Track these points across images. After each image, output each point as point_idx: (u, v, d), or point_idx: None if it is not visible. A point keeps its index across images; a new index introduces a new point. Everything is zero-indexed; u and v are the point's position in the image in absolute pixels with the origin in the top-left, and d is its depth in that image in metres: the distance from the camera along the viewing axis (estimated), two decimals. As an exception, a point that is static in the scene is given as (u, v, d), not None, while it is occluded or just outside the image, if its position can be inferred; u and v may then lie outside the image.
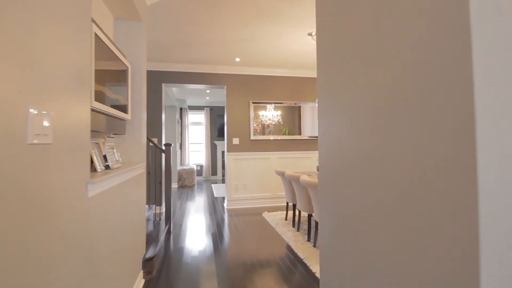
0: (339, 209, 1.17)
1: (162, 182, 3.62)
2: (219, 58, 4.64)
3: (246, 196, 5.21)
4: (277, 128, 5.42)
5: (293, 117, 5.54)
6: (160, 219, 3.66)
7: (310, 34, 3.64)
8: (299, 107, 5.57)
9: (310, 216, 3.35)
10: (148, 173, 3.85)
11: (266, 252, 3.06)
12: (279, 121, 5.46)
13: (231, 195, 5.14)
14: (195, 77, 5.09)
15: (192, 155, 9.50)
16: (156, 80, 4.95)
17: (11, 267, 0.74)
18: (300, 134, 5.58)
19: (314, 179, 2.81)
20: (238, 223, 4.17)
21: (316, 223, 3.12)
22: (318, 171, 4.27)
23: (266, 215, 4.55)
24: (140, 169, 2.32)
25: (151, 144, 3.79)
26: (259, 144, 5.34)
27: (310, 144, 5.56)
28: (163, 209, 4.08)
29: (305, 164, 5.51)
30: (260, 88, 5.36)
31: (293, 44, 4.00)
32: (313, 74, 5.56)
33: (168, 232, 3.60)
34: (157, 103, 4.92)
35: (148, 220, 3.41)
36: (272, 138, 5.37)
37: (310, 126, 5.63)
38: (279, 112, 5.44)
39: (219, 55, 4.51)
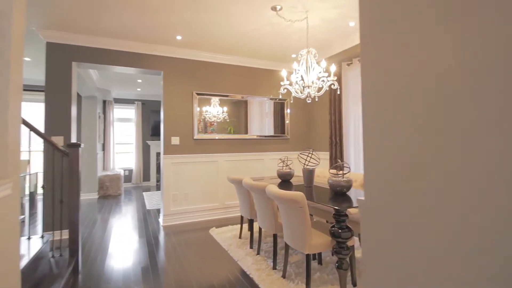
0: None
1: (74, 197, 2.45)
2: (154, 33, 3.61)
3: (188, 208, 4.25)
4: (220, 127, 4.59)
5: (238, 113, 4.77)
6: (61, 255, 2.50)
7: (274, 9, 2.93)
8: (246, 101, 4.82)
9: (275, 236, 2.63)
10: (43, 187, 2.64)
11: (221, 292, 2.23)
12: (225, 118, 4.65)
13: (168, 208, 4.12)
14: (122, 57, 3.93)
15: (119, 157, 7.98)
16: (63, 57, 3.64)
17: None
18: (246, 133, 4.84)
19: (294, 192, 2.09)
20: (178, 245, 3.22)
21: (287, 246, 2.41)
22: (278, 176, 3.62)
23: (214, 232, 3.68)
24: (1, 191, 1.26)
25: (58, 146, 2.58)
26: (204, 144, 4.44)
27: (260, 144, 4.89)
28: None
29: (257, 168, 4.81)
30: (206, 77, 4.46)
31: (251, 21, 3.25)
32: (268, 65, 4.90)
33: (74, 272, 2.47)
34: (64, 88, 3.62)
35: (40, 258, 2.24)
36: (217, 138, 4.52)
37: (258, 123, 4.94)
38: (225, 108, 4.62)
39: (154, 30, 3.48)
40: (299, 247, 2.18)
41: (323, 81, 2.87)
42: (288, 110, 5.13)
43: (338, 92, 3.89)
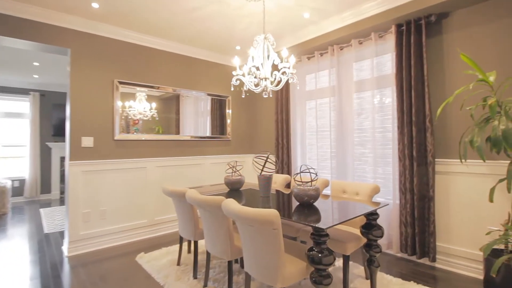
0: None
1: None
2: (56, -5, 2.64)
3: (106, 229, 3.31)
4: (146, 126, 3.77)
5: (169, 110, 4.01)
6: None
7: (226, -20, 2.38)
8: (178, 96, 4.10)
9: (230, 263, 2.07)
10: None
11: None
12: (154, 116, 3.85)
13: (76, 231, 3.11)
14: (7, 23, 2.78)
15: (5, 164, 6.14)
16: None
17: None
18: (178, 133, 4.10)
19: (266, 210, 1.56)
20: (90, 283, 2.35)
21: (248, 276, 1.88)
22: (226, 184, 3.03)
23: (143, 259, 2.88)
24: None
25: None
26: (128, 146, 3.55)
27: (197, 147, 4.23)
28: None
29: (195, 174, 4.14)
30: (131, 63, 3.59)
31: (195, -5, 2.63)
32: (209, 56, 4.28)
33: None
34: None
35: None
36: (144, 138, 3.69)
37: (193, 122, 4.26)
38: (154, 105, 3.82)
39: (56, -11, 2.53)
40: (268, 279, 1.68)
41: (284, 72, 2.46)
42: (229, 110, 4.61)
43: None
